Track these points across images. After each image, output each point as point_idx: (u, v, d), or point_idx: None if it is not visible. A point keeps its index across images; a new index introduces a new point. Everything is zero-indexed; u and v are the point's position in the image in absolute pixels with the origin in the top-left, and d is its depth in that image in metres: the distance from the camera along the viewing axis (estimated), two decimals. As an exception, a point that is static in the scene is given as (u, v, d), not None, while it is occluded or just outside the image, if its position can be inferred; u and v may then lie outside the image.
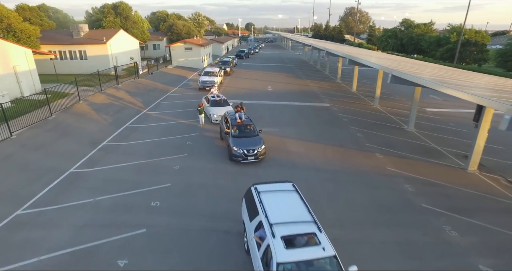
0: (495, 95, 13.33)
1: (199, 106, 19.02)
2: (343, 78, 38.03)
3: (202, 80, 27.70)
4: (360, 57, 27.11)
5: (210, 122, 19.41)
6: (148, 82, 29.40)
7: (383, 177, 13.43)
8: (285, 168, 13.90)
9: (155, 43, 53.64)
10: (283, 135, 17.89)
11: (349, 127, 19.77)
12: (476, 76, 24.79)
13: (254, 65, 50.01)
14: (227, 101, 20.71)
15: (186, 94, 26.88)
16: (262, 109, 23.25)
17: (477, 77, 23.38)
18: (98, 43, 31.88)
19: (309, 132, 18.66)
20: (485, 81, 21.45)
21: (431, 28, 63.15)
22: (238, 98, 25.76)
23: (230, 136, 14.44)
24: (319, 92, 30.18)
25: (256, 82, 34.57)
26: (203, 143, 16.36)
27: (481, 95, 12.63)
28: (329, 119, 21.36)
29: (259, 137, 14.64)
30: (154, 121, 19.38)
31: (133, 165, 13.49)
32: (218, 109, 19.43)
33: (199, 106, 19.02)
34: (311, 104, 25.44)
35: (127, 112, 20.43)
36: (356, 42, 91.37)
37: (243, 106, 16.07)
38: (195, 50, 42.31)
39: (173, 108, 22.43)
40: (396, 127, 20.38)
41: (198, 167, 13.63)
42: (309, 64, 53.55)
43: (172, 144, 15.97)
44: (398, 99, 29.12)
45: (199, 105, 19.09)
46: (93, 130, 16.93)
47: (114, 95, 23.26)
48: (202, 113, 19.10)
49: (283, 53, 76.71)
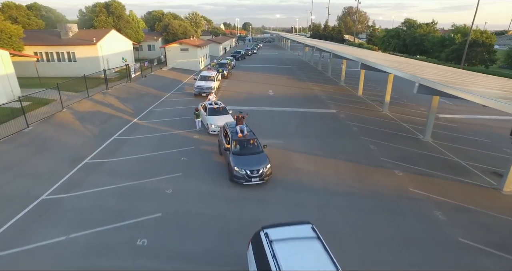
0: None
1: (196, 110, 17.82)
2: (347, 81, 36.30)
3: (198, 85, 25.71)
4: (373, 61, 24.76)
5: (207, 133, 17.55)
6: (141, 87, 27.44)
7: (407, 201, 11.65)
8: (294, 190, 12.07)
9: (150, 44, 51.62)
10: (288, 148, 16.07)
11: (360, 138, 17.98)
12: (506, 82, 22.66)
13: (253, 66, 48.16)
14: (226, 109, 18.85)
15: (181, 100, 24.97)
16: (263, 116, 21.41)
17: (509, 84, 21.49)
18: (87, 44, 29.88)
19: (317, 144, 16.84)
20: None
21: (433, 28, 61.68)
22: (237, 104, 23.93)
23: (230, 153, 12.58)
24: (323, 97, 28.39)
25: (256, 85, 32.72)
26: (200, 158, 14.49)
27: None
28: (337, 128, 19.56)
29: (264, 154, 12.78)
30: (145, 132, 17.47)
31: (118, 189, 11.61)
32: (217, 119, 17.57)
33: (196, 110, 17.82)
34: (316, 110, 23.63)
35: (115, 122, 18.49)
36: (356, 42, 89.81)
37: (244, 116, 14.19)
38: (192, 51, 40.39)
39: (167, 116, 20.52)
40: (411, 138, 18.63)
41: (194, 190, 11.77)
42: (310, 66, 51.79)
43: (165, 160, 14.08)
44: (408, 104, 27.40)
45: (196, 110, 17.93)
46: (75, 144, 15.00)
47: (103, 101, 21.30)
48: (200, 118, 17.83)
49: (282, 53, 74.92)
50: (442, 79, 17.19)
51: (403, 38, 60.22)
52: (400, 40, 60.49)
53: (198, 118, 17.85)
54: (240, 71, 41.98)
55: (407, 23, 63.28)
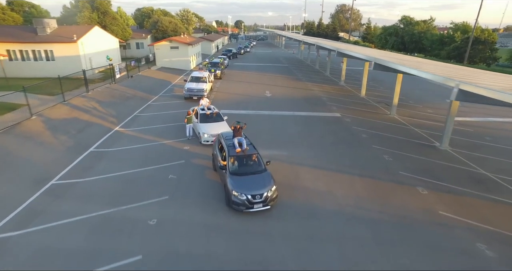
0: None
1: (188, 114, 16.10)
2: (347, 81, 34.40)
3: (188, 87, 23.31)
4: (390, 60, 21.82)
5: (199, 143, 15.36)
6: (126, 89, 25.02)
7: (440, 228, 9.70)
8: (305, 218, 10.01)
9: (138, 42, 48.88)
10: (293, 161, 14.00)
11: (372, 147, 16.02)
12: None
13: (248, 65, 45.94)
14: (221, 115, 16.68)
15: (170, 104, 22.66)
16: (262, 122, 19.29)
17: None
18: (67, 41, 27.27)
19: (325, 155, 14.81)
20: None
21: (431, 26, 60.34)
22: (232, 107, 21.75)
23: (227, 173, 10.44)
24: (324, 98, 26.40)
25: (252, 86, 30.56)
26: (191, 176, 12.31)
27: None
28: (345, 136, 17.56)
29: (268, 174, 10.67)
30: (128, 142, 15.19)
31: (90, 220, 9.38)
32: (210, 127, 15.40)
33: (188, 114, 16.10)
34: (319, 114, 21.60)
35: (94, 131, 16.14)
36: (351, 40, 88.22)
37: (242, 127, 12.02)
38: (182, 50, 37.98)
39: (154, 122, 18.23)
40: (427, 145, 16.76)
41: (184, 220, 9.62)
42: (307, 64, 49.81)
43: (149, 180, 11.87)
44: (415, 106, 25.61)
45: (188, 113, 16.16)
46: (42, 160, 12.66)
47: (81, 106, 18.89)
48: (191, 123, 16.03)
49: (277, 52, 72.79)
50: (480, 82, 14.75)
51: (401, 35, 58.71)
52: (398, 38, 58.98)
53: (189, 123, 15.80)
54: (233, 71, 39.73)
55: (404, 20, 61.78)
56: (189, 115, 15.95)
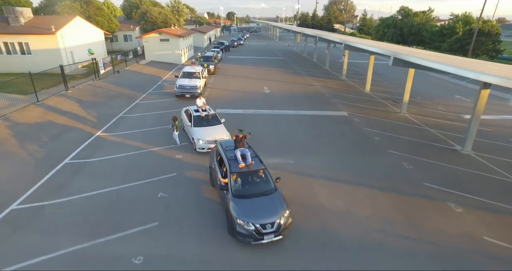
0: None
1: (174, 119, 13.49)
2: (348, 75, 32.52)
3: (180, 84, 21.05)
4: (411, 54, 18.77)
5: (193, 150, 13.37)
6: (111, 86, 22.70)
7: (492, 262, 8.00)
8: (326, 247, 8.20)
9: (126, 34, 46.03)
10: (303, 171, 12.14)
11: (388, 152, 14.26)
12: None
13: (242, 59, 43.63)
14: (218, 117, 14.66)
15: (160, 103, 20.49)
16: (262, 123, 17.34)
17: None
18: (44, 33, 24.68)
19: (338, 163, 12.98)
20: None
21: (430, 17, 58.58)
22: (228, 106, 19.69)
23: (229, 194, 8.52)
24: (327, 95, 24.51)
25: (248, 81, 28.46)
26: (185, 193, 10.37)
27: None
28: (357, 139, 15.74)
29: (279, 194, 8.77)
30: (111, 151, 13.09)
31: (58, 260, 7.40)
32: (205, 132, 13.40)
33: (174, 119, 13.49)
34: (324, 113, 19.73)
35: (71, 137, 13.97)
36: (347, 32, 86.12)
37: (246, 136, 10.05)
38: (173, 42, 35.49)
39: (141, 125, 16.11)
40: (448, 149, 15.08)
41: (177, 256, 7.71)
42: (304, 57, 47.72)
43: (135, 200, 9.89)
44: (423, 102, 23.93)
45: (174, 119, 13.52)
46: (3, 177, 10.54)
47: (57, 107, 16.64)
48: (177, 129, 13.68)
49: (271, 44, 70.36)
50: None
51: (400, 27, 56.82)
52: (397, 30, 57.09)
53: (178, 130, 13.71)
54: (228, 65, 37.45)
55: (402, 11, 59.83)
56: (176, 121, 13.46)
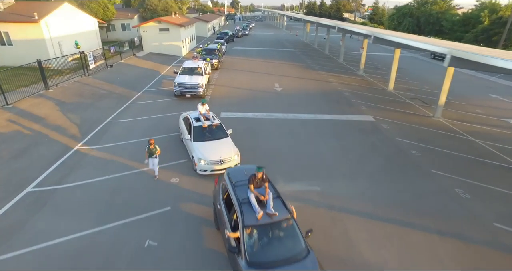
0: None
1: (150, 142, 9.73)
2: (366, 69, 29.39)
3: (179, 82, 18.16)
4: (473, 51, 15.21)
5: (193, 172, 10.70)
6: (101, 83, 19.96)
7: None
8: None
9: (124, 23, 42.89)
10: (332, 203, 9.45)
11: (432, 173, 11.49)
12: None
13: (249, 50, 40.44)
14: (223, 128, 11.90)
15: (156, 104, 17.74)
16: (275, 131, 14.58)
17: None
18: (26, 21, 21.82)
19: (374, 191, 10.26)
20: None
21: (450, 5, 54.49)
22: (234, 108, 16.85)
23: (242, 260, 5.86)
24: (347, 93, 21.58)
25: (257, 77, 25.52)
26: (181, 241, 7.75)
27: None
28: (390, 154, 12.94)
29: (312, 259, 6.07)
30: (90, 172, 10.45)
31: None
32: (208, 148, 10.70)
33: (150, 142, 9.73)
34: (347, 118, 16.88)
35: (40, 154, 11.32)
36: (358, 21, 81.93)
37: (265, 177, 7.16)
38: (174, 32, 32.42)
39: (131, 135, 13.41)
40: (508, 169, 12.26)
41: None
42: (314, 48, 44.39)
43: (111, 252, 7.30)
44: (456, 103, 20.96)
45: (150, 142, 9.71)
46: None
47: (31, 113, 13.99)
48: (155, 155, 9.84)
49: (279, 34, 66.68)
50: None
51: (417, 16, 52.89)
52: (414, 19, 53.18)
53: (154, 157, 9.87)
54: (233, 58, 34.39)
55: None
56: (152, 146, 9.68)
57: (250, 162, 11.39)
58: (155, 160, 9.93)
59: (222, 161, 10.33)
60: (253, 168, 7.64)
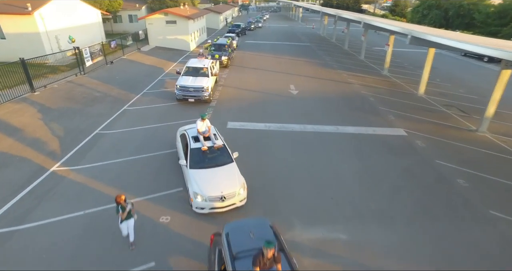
0: None
1: (118, 201, 6.73)
2: (391, 68, 26.48)
3: (181, 85, 15.92)
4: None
5: (188, 207, 8.61)
6: (97, 83, 18.00)
7: None
8: None
9: (131, 14, 40.83)
10: (363, 261, 7.21)
11: (491, 216, 9.05)
12: None
13: (262, 44, 37.82)
14: (228, 151, 9.68)
15: (155, 109, 15.68)
16: (288, 147, 12.30)
17: None
18: (19, 12, 19.98)
19: (416, 241, 7.94)
20: None
21: (483, -4, 50.09)
22: (242, 116, 14.52)
23: None
24: (371, 99, 18.99)
25: (270, 76, 23.11)
26: None
27: None
28: (431, 185, 10.50)
29: None
30: (62, 205, 8.49)
31: None
32: (207, 179, 8.55)
33: (118, 201, 6.73)
34: (374, 131, 14.40)
35: (6, 178, 9.37)
36: (377, 13, 77.46)
37: (276, 255, 4.96)
38: (181, 25, 30.16)
39: (121, 151, 11.38)
40: None
41: None
42: (332, 43, 41.35)
43: None
44: (507, 112, 18.04)
45: (118, 200, 6.72)
46: None
47: (7, 122, 12.13)
48: (130, 216, 6.94)
49: (294, 26, 63.42)
50: None
51: (445, 8, 48.80)
52: (441, 11, 49.12)
53: (129, 218, 6.95)
54: (244, 53, 31.93)
55: (448, -11, 51.44)
56: (121, 202, 6.73)
57: (258, 193, 9.24)
58: (130, 221, 7.00)
59: (224, 197, 8.19)
60: (262, 224, 5.54)
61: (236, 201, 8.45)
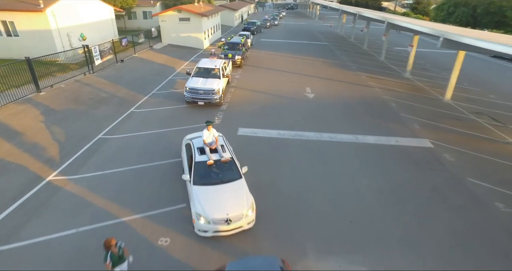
0: None
1: (107, 246, 5.68)
2: (413, 71, 24.89)
3: (191, 87, 15.08)
4: None
5: (191, 227, 7.76)
6: (104, 83, 17.45)
7: None
8: None
9: (145, 10, 40.38)
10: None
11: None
12: None
13: (277, 43, 36.67)
14: (236, 165, 8.75)
15: (163, 112, 14.93)
16: (303, 159, 11.28)
17: None
18: (31, 9, 19.66)
19: (454, 282, 6.84)
20: None
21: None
22: (254, 122, 13.50)
23: None
24: (393, 104, 17.67)
25: (284, 77, 22.05)
26: None
27: None
28: (465, 208, 9.29)
29: None
30: (55, 221, 7.82)
31: None
32: (212, 199, 7.68)
33: (107, 246, 5.68)
34: (397, 141, 13.17)
35: (0, 187, 8.86)
36: (398, 11, 74.63)
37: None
38: (195, 22, 29.41)
39: (122, 159, 10.67)
40: None
41: None
42: (351, 42, 39.73)
43: None
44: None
45: (107, 245, 5.68)
46: None
47: (7, 125, 11.64)
48: (123, 259, 5.89)
49: (311, 24, 61.78)
50: None
51: (473, 5, 46.11)
52: (469, 9, 46.46)
53: (122, 262, 5.89)
54: (259, 52, 30.90)
55: (476, -14, 48.59)
56: (112, 246, 5.70)
57: (269, 213, 8.30)
58: (123, 266, 5.96)
59: (230, 220, 7.30)
60: (271, 265, 4.64)
61: (244, 224, 7.56)
